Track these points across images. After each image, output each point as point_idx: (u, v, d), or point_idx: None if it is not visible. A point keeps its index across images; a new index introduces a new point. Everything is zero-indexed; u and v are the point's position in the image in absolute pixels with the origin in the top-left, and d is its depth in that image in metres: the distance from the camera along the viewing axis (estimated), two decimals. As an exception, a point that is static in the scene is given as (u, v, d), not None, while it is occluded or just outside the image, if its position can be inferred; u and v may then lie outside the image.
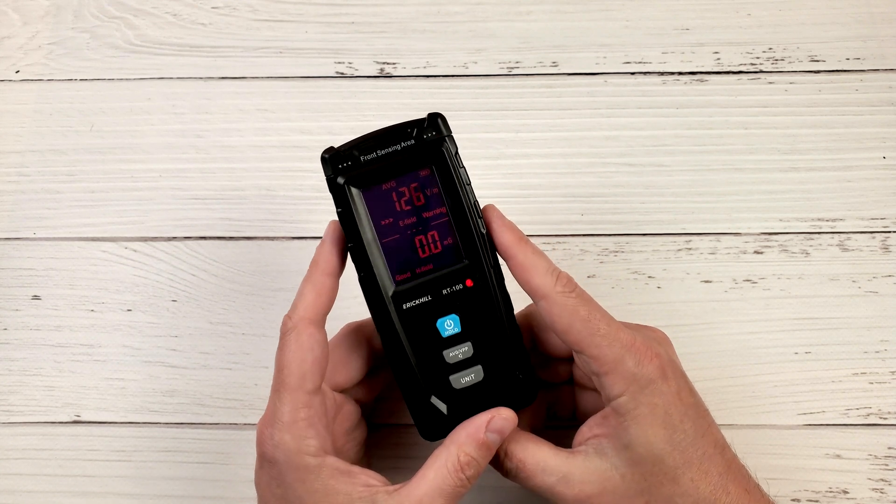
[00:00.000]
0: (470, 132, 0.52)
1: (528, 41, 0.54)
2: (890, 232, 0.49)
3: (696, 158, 0.51)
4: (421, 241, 0.37)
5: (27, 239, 0.51)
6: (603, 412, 0.36)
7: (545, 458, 0.36)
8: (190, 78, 0.54)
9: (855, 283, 0.48)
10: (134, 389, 0.47)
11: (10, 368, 0.48)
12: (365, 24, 0.55)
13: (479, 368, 0.37)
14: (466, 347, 0.37)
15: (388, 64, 0.54)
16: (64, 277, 0.50)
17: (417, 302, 0.37)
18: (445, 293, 0.37)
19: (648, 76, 0.53)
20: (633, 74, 0.53)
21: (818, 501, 0.44)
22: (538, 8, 0.55)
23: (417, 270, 0.37)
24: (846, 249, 0.49)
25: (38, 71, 0.55)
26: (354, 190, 0.37)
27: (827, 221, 0.49)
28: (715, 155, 0.51)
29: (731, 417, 0.45)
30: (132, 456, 0.46)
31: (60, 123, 0.53)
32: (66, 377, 0.48)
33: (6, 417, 0.47)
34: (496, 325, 0.37)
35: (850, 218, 0.49)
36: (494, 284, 0.37)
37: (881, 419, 0.45)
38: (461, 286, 0.37)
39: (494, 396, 0.37)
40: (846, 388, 0.46)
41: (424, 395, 0.37)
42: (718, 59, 0.53)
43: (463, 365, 0.37)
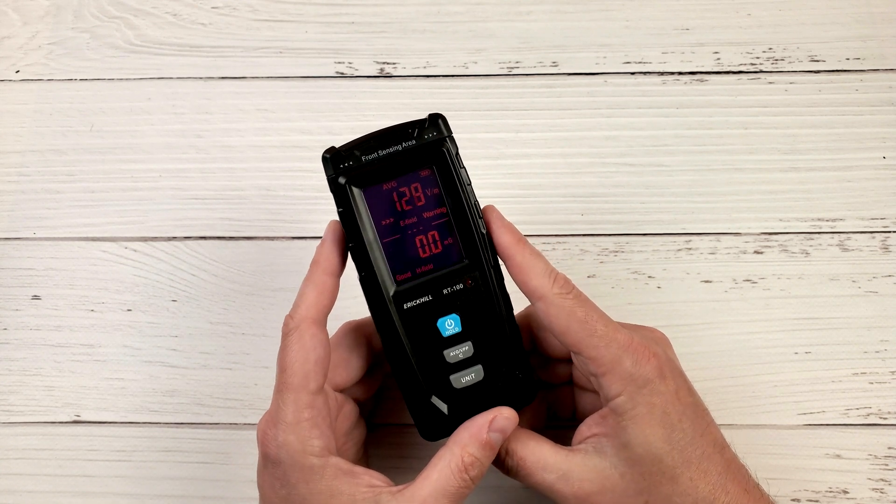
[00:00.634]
0: (470, 132, 0.52)
1: (528, 41, 0.54)
2: (890, 232, 0.49)
3: (696, 158, 0.51)
4: (421, 240, 0.37)
5: (27, 239, 0.51)
6: (601, 412, 0.36)
7: (545, 455, 0.36)
8: (190, 78, 0.54)
9: (855, 283, 0.48)
10: (134, 389, 0.47)
11: (10, 368, 0.48)
12: (365, 24, 0.55)
13: (479, 368, 0.37)
14: (467, 347, 0.37)
15: (388, 64, 0.54)
16: (64, 277, 0.50)
17: (418, 301, 0.37)
18: (446, 293, 0.37)
19: (648, 76, 0.53)
20: (633, 74, 0.53)
21: (818, 501, 0.44)
22: (538, 8, 0.55)
23: (418, 270, 0.37)
24: (846, 249, 0.49)
25: (38, 71, 0.55)
26: (355, 189, 0.37)
27: (827, 221, 0.49)
28: (715, 155, 0.51)
29: (731, 417, 0.45)
30: (132, 456, 0.46)
31: (60, 123, 0.53)
32: (66, 377, 0.48)
33: (6, 417, 0.47)
34: (496, 324, 0.37)
35: (850, 218, 0.49)
36: (494, 284, 0.37)
37: (881, 419, 0.45)
38: (461, 286, 0.37)
39: (494, 396, 0.37)
40: (846, 388, 0.46)
41: (425, 394, 0.37)
42: (718, 59, 0.53)
43: (463, 364, 0.37)
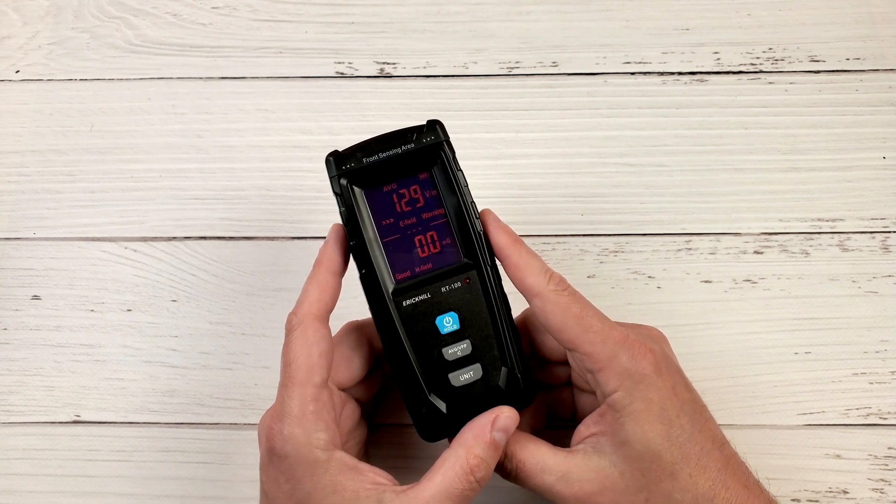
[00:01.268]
0: (470, 132, 0.52)
1: (528, 41, 0.54)
2: (890, 232, 0.49)
3: (696, 158, 0.51)
4: (420, 240, 0.38)
5: (27, 239, 0.51)
6: (599, 410, 0.36)
7: (544, 457, 0.36)
8: (190, 78, 0.54)
9: (855, 283, 0.48)
10: (134, 389, 0.47)
11: (10, 368, 0.48)
12: (365, 24, 0.55)
13: (477, 367, 0.38)
14: (465, 345, 0.38)
15: (388, 64, 0.54)
16: (64, 277, 0.50)
17: (417, 299, 0.38)
18: (444, 291, 0.38)
19: (648, 76, 0.53)
20: (633, 74, 0.53)
21: (818, 501, 0.44)
22: (538, 8, 0.55)
23: (417, 269, 0.38)
24: (846, 249, 0.49)
25: (38, 71, 0.55)
26: (357, 190, 0.38)
27: (827, 221, 0.49)
28: (715, 155, 0.51)
29: (731, 417, 0.45)
30: (132, 456, 0.46)
31: (60, 123, 0.53)
32: (66, 377, 0.48)
33: (6, 417, 0.47)
34: (494, 322, 0.38)
35: (850, 218, 0.49)
36: (492, 283, 0.38)
37: (881, 419, 0.45)
38: (459, 284, 0.38)
39: (493, 395, 0.38)
40: (846, 388, 0.46)
41: (423, 392, 0.38)
42: (718, 59, 0.53)
43: (462, 363, 0.38)
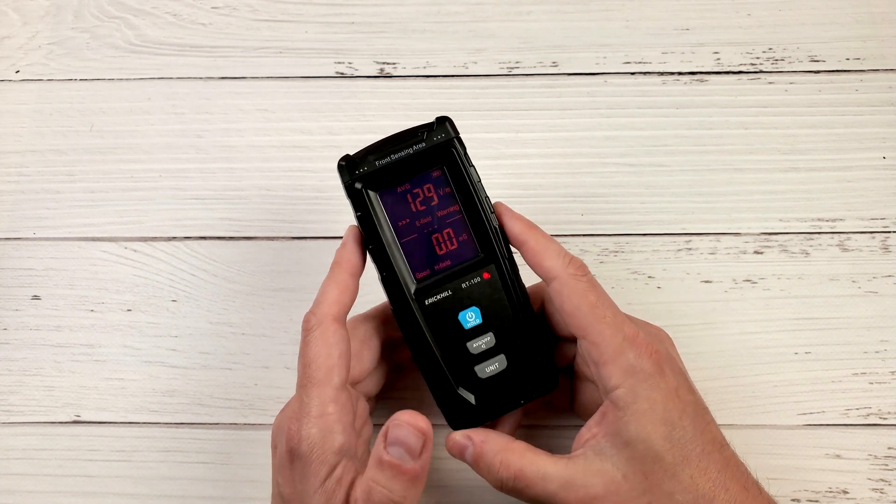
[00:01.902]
0: (470, 132, 0.51)
1: (528, 41, 0.54)
2: (890, 232, 0.49)
3: (696, 158, 0.51)
4: (438, 238, 0.39)
5: (27, 239, 0.51)
6: (601, 409, 0.36)
7: (544, 465, 0.36)
8: (190, 78, 0.54)
9: (855, 283, 0.48)
10: (134, 389, 0.47)
11: (10, 368, 0.48)
12: (365, 24, 0.55)
13: (502, 357, 0.38)
14: (489, 338, 0.38)
15: (388, 64, 0.54)
16: (64, 277, 0.50)
17: (439, 297, 0.38)
18: (465, 287, 0.38)
19: (648, 76, 0.53)
20: (633, 74, 0.53)
21: (818, 501, 0.44)
22: (538, 8, 0.55)
23: (436, 267, 0.39)
24: (846, 249, 0.49)
25: (38, 71, 0.55)
26: (371, 193, 0.38)
27: (827, 221, 0.49)
28: (715, 155, 0.51)
29: (731, 417, 0.45)
30: (132, 456, 0.46)
31: (60, 123, 0.53)
32: (66, 377, 0.48)
33: (6, 417, 0.47)
34: (515, 313, 0.38)
35: (850, 218, 0.49)
36: (511, 275, 0.38)
37: (881, 419, 0.45)
38: (479, 279, 0.38)
39: (519, 384, 0.38)
40: (846, 388, 0.46)
41: (452, 387, 0.38)
42: (718, 59, 0.53)
43: (487, 355, 0.38)
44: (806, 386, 0.46)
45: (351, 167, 0.38)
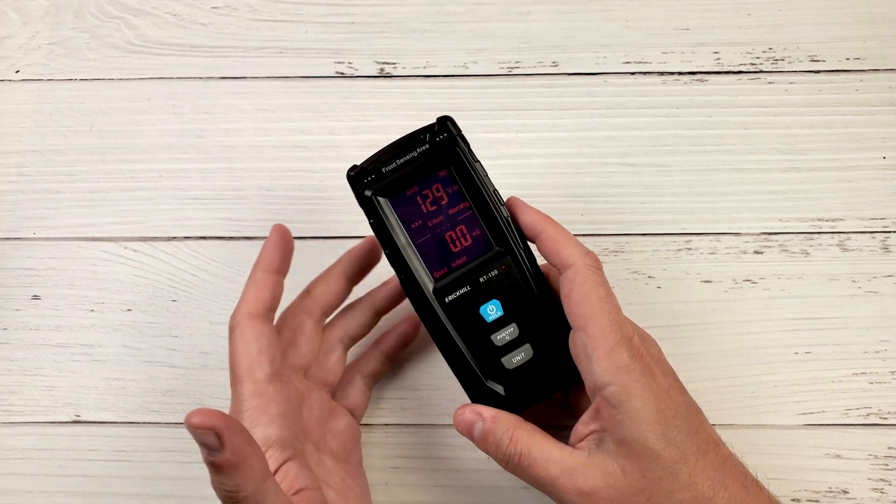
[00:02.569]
0: (470, 132, 0.51)
1: (528, 41, 0.54)
2: (890, 232, 0.49)
3: (696, 158, 0.51)
4: (451, 236, 0.39)
5: (27, 239, 0.51)
6: (594, 405, 0.36)
7: (550, 449, 0.36)
8: (190, 78, 0.54)
9: (855, 283, 0.48)
10: (134, 389, 0.47)
11: (10, 368, 0.48)
12: (365, 24, 0.55)
13: (527, 347, 0.39)
14: (512, 328, 0.39)
15: (388, 64, 0.54)
16: (64, 277, 0.50)
17: (458, 293, 0.39)
18: (483, 281, 0.39)
19: (648, 76, 0.53)
20: (633, 74, 0.53)
21: (818, 501, 0.44)
22: (538, 8, 0.55)
23: (453, 264, 0.39)
24: (846, 249, 0.49)
25: (38, 71, 0.55)
26: (382, 200, 0.39)
27: (827, 221, 0.49)
28: (715, 155, 0.51)
29: (731, 417, 0.45)
30: (132, 456, 0.46)
31: (60, 123, 0.53)
32: (66, 377, 0.48)
33: (6, 417, 0.47)
34: (536, 302, 0.39)
35: (850, 218, 0.49)
36: (527, 264, 0.39)
37: (881, 419, 0.45)
38: (496, 272, 0.39)
39: (547, 371, 0.39)
40: (846, 388, 0.46)
41: (480, 380, 0.39)
42: (718, 59, 0.53)
43: (512, 346, 0.39)
44: (806, 386, 0.46)
45: (359, 177, 0.39)
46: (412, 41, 0.55)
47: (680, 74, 0.53)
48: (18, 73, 0.55)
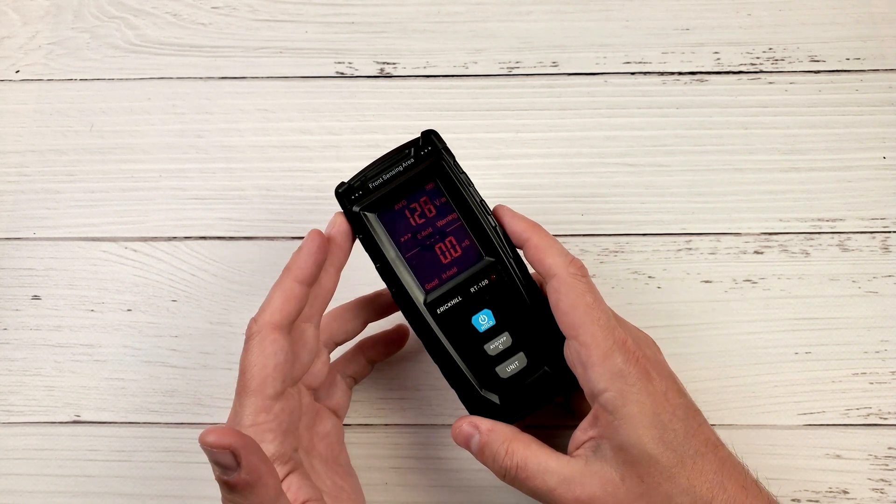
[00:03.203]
0: (470, 132, 0.52)
1: (528, 41, 0.54)
2: (890, 232, 0.49)
3: (696, 158, 0.51)
4: (441, 248, 0.39)
5: (27, 239, 0.51)
6: (592, 412, 0.36)
7: (547, 460, 0.36)
8: (190, 78, 0.54)
9: (855, 283, 0.48)
10: (134, 389, 0.47)
11: (10, 368, 0.48)
12: (365, 24, 0.55)
13: (521, 355, 0.39)
14: (505, 337, 0.39)
15: (388, 64, 0.54)
16: (64, 277, 0.50)
17: (450, 304, 0.39)
18: (474, 291, 0.39)
19: (648, 76, 0.53)
20: (633, 74, 0.53)
21: (818, 501, 0.44)
22: (538, 8, 0.55)
23: (444, 276, 0.39)
24: (846, 249, 0.49)
25: (38, 71, 0.55)
26: (370, 215, 0.39)
27: (827, 221, 0.49)
28: (715, 155, 0.51)
29: (731, 417, 0.45)
30: (132, 456, 0.46)
31: (60, 123, 0.53)
32: (66, 377, 0.48)
33: (6, 417, 0.47)
34: (527, 310, 0.39)
35: (850, 218, 0.49)
36: (517, 272, 0.39)
37: (881, 419, 0.45)
38: (487, 281, 0.39)
39: (542, 379, 0.39)
40: (846, 388, 0.46)
41: (476, 390, 0.39)
42: (718, 59, 0.53)
43: (505, 354, 0.39)
44: (806, 386, 0.46)
45: (347, 193, 0.39)
46: (412, 41, 0.55)
47: (680, 74, 0.53)
48: (18, 73, 0.55)
